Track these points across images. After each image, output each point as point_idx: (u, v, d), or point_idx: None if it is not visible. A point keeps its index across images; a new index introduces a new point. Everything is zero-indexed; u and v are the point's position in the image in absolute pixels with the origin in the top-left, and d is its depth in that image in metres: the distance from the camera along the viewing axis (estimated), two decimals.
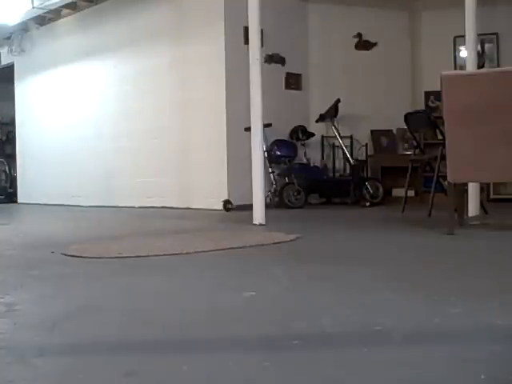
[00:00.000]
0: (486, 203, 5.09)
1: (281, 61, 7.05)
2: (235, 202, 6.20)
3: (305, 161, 7.01)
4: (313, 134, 7.05)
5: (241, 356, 1.38)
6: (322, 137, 7.32)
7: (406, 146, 7.32)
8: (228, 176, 6.41)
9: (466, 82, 3.61)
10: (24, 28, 8.92)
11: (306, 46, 7.39)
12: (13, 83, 9.72)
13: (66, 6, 8.19)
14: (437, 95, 6.23)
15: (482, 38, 6.54)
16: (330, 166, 7.35)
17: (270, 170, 6.62)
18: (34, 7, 8.12)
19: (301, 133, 6.94)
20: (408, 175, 5.42)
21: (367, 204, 6.45)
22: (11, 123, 10.21)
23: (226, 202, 6.27)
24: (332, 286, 2.18)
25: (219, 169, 6.47)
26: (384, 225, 4.69)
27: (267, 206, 4.83)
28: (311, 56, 7.40)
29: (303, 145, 6.99)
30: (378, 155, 7.35)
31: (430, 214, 4.73)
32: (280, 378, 1.23)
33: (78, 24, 8.36)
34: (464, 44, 5.14)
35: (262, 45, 4.83)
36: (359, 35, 7.45)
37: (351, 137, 7.27)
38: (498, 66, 6.90)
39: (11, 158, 10.12)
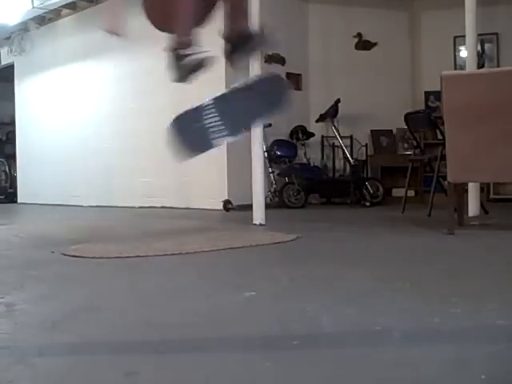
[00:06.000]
0: (485, 203, 5.09)
1: (281, 61, 7.05)
2: (235, 202, 6.20)
3: (305, 161, 7.01)
4: (313, 134, 7.05)
5: (241, 356, 1.38)
6: (322, 137, 7.32)
7: (405, 145, 7.32)
8: (228, 176, 6.41)
9: (465, 82, 3.61)
10: (24, 28, 8.91)
11: (306, 46, 7.39)
12: (13, 83, 9.72)
13: (66, 5, 8.19)
14: (437, 95, 6.23)
15: (481, 38, 6.54)
16: (330, 165, 7.34)
17: (270, 170, 6.62)
18: (33, 7, 8.12)
19: (301, 133, 6.94)
20: (408, 175, 5.42)
21: (367, 204, 6.45)
22: (11, 123, 10.22)
23: (226, 202, 6.27)
24: (332, 285, 2.18)
25: (219, 169, 6.47)
26: (384, 225, 4.69)
27: (267, 206, 4.83)
28: (311, 56, 7.40)
29: (303, 145, 6.99)
30: (377, 155, 7.35)
31: (429, 214, 4.73)
32: (280, 378, 1.23)
33: (78, 24, 8.36)
34: (464, 44, 5.14)
35: None
36: (359, 35, 7.45)
37: (351, 137, 7.27)
38: (498, 66, 6.90)
39: (11, 157, 10.12)
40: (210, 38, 1.87)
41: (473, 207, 4.77)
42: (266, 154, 6.22)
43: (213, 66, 1.64)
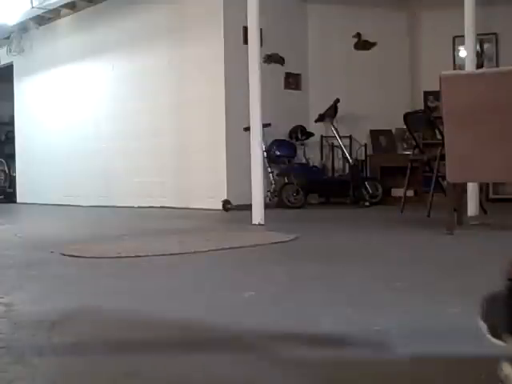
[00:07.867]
0: (484, 203, 5.09)
1: (280, 61, 7.05)
2: (234, 202, 6.19)
3: (304, 161, 7.01)
4: (312, 134, 7.05)
5: (240, 356, 1.38)
6: (322, 137, 7.32)
7: (405, 145, 7.32)
8: (227, 176, 6.41)
9: (465, 82, 3.61)
10: (23, 28, 8.91)
11: (306, 45, 7.39)
12: (12, 83, 9.71)
13: (66, 5, 8.19)
14: (436, 95, 6.23)
15: (481, 38, 6.54)
16: (329, 165, 7.35)
17: (269, 169, 6.62)
18: (33, 7, 8.11)
19: (300, 133, 6.94)
20: (407, 175, 5.42)
21: (366, 204, 6.45)
22: (10, 123, 10.21)
23: (226, 202, 6.27)
24: (331, 285, 2.18)
25: (218, 169, 6.47)
26: (383, 225, 4.69)
27: (266, 206, 4.83)
28: (310, 56, 7.40)
29: (302, 145, 6.99)
30: (377, 155, 7.35)
31: (429, 214, 4.73)
32: (280, 378, 1.23)
33: (77, 24, 8.36)
34: (463, 44, 5.14)
35: (262, 45, 4.83)
36: (358, 35, 7.44)
37: (350, 137, 7.27)
38: (497, 66, 6.90)
39: (10, 157, 10.12)
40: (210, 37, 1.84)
41: (472, 207, 4.78)
42: (265, 153, 6.21)
43: None
